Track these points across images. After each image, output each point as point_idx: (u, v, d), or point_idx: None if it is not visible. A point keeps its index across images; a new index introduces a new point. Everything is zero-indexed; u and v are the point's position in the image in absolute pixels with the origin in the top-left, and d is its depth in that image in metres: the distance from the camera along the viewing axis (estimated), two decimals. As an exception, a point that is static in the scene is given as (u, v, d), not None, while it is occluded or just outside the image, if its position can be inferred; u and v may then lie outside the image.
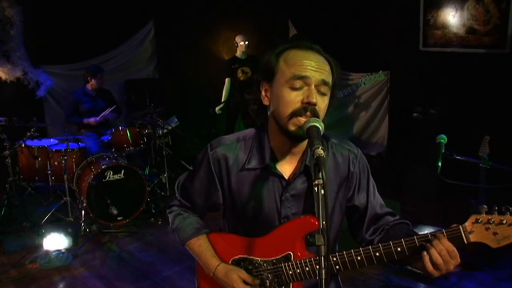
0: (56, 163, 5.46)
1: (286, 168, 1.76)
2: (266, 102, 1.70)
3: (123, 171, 5.27)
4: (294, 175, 1.74)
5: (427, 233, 1.57)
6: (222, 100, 6.85)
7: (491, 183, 3.85)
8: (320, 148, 1.40)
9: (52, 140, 5.85)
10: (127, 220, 5.31)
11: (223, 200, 1.87)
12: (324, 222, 1.36)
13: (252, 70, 6.83)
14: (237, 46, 6.77)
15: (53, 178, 5.47)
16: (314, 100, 1.57)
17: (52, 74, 6.60)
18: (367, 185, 1.86)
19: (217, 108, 6.78)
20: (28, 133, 5.26)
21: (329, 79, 1.63)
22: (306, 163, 1.72)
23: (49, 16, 6.40)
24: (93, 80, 6.00)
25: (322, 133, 1.53)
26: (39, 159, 5.50)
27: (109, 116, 5.97)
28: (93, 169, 5.14)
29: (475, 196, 4.23)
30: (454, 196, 5.21)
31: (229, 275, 1.78)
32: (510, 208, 1.54)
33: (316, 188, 1.38)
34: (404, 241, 1.57)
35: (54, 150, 5.50)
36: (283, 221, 1.78)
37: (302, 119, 1.57)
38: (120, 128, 5.69)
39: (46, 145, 5.58)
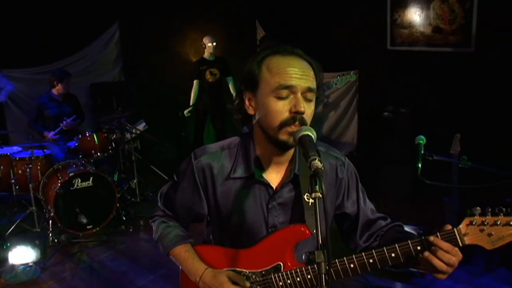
0: (20, 171, 5.25)
1: (272, 176, 1.71)
2: (251, 111, 1.65)
3: (91, 178, 5.10)
4: (282, 184, 1.70)
5: (421, 238, 1.54)
6: (191, 102, 6.73)
7: (464, 182, 3.88)
8: (317, 159, 1.34)
9: (15, 147, 5.62)
10: (97, 229, 5.15)
11: (208, 211, 1.80)
12: (320, 236, 1.33)
13: (220, 72, 6.73)
14: (205, 47, 6.66)
15: (17, 187, 5.26)
16: (302, 109, 1.52)
17: (13, 78, 6.33)
18: (356, 191, 1.83)
19: (185, 111, 6.66)
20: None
21: (314, 84, 1.59)
22: (295, 172, 1.68)
23: (9, 17, 6.14)
24: (59, 85, 5.79)
25: (315, 141, 1.47)
26: (1, 167, 5.28)
27: (70, 123, 5.75)
28: (60, 177, 4.96)
29: (448, 194, 4.27)
30: (427, 194, 5.24)
31: (217, 277, 1.71)
32: (504, 209, 1.53)
33: (315, 202, 1.33)
34: (398, 247, 1.54)
35: (17, 158, 5.30)
36: (270, 230, 1.73)
37: (292, 128, 1.53)
38: (87, 133, 5.50)
39: (8, 153, 5.36)
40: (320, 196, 1.31)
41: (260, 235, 1.73)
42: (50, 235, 4.85)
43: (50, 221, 4.93)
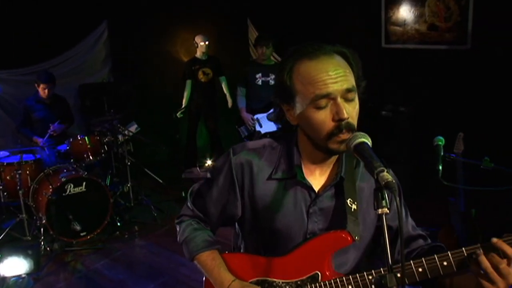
0: (8, 177, 5.03)
1: (315, 179, 1.60)
2: (294, 122, 1.55)
3: (84, 183, 4.90)
4: (325, 188, 1.59)
5: (477, 245, 1.40)
6: (183, 103, 6.56)
7: (468, 182, 3.81)
8: (385, 171, 1.21)
9: (1, 152, 5.38)
10: (91, 236, 4.95)
11: (242, 212, 1.68)
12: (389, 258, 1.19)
13: (213, 71, 6.58)
14: (197, 46, 6.49)
15: (5, 193, 5.05)
16: (345, 116, 1.40)
17: (-1, 80, 6.10)
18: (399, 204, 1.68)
19: (178, 112, 6.50)
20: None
21: (352, 81, 1.45)
22: (342, 175, 1.57)
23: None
24: (41, 87, 5.55)
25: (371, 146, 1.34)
26: (-11, 173, 5.06)
27: (58, 128, 5.55)
28: (51, 183, 4.76)
29: (453, 194, 4.19)
30: (427, 195, 5.17)
31: None
32: None
33: (381, 217, 1.21)
34: (451, 254, 1.41)
35: (5, 163, 5.07)
36: (309, 237, 1.60)
37: (341, 137, 1.42)
38: (78, 137, 5.29)
39: (-5, 158, 5.14)
40: (388, 212, 1.20)
41: (297, 242, 1.61)
42: (42, 243, 4.65)
43: (42, 229, 4.73)
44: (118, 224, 5.18)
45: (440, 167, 2.64)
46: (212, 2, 7.28)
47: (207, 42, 6.45)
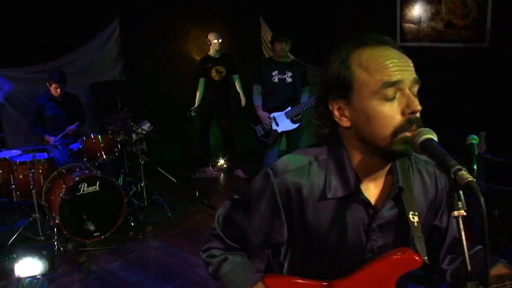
0: (20, 176, 4.96)
1: (371, 193, 1.42)
2: (344, 123, 1.35)
3: (98, 182, 4.83)
4: (384, 201, 1.41)
5: None
6: (196, 102, 6.48)
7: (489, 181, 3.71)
8: (463, 170, 1.08)
9: (14, 151, 5.31)
10: (105, 236, 4.88)
11: (288, 237, 1.48)
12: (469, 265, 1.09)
13: (226, 69, 6.50)
14: (210, 44, 6.41)
15: (17, 193, 4.97)
16: (419, 107, 1.24)
17: (10, 78, 6.01)
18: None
19: (191, 111, 6.41)
20: (-12, 145, 4.75)
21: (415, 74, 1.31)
22: (400, 185, 1.39)
23: (6, 15, 5.83)
24: (52, 86, 5.49)
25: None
26: (1, 172, 4.98)
27: (74, 129, 5.49)
28: (64, 182, 4.68)
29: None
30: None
31: None
32: None
33: (457, 221, 1.10)
34: None
35: (18, 162, 5.00)
36: (367, 256, 1.45)
37: (408, 134, 1.24)
38: (91, 135, 5.22)
39: (8, 157, 5.06)
40: (464, 214, 1.08)
41: (354, 263, 1.45)
42: (56, 243, 4.58)
43: (55, 229, 4.66)
44: (132, 224, 5.10)
45: (475, 167, 2.54)
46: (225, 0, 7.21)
47: (220, 40, 6.36)
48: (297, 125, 5.09)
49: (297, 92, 5.11)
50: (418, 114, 1.27)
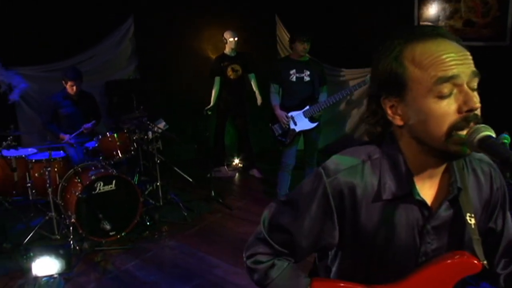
0: (36, 174, 4.93)
1: (427, 193, 1.33)
2: (398, 122, 1.28)
3: (114, 181, 4.79)
4: (441, 202, 1.33)
5: None
6: (211, 100, 6.43)
7: None
8: None
9: (30, 149, 5.29)
10: (120, 235, 4.84)
11: (339, 240, 1.41)
12: None
13: (242, 68, 6.44)
14: (226, 42, 6.35)
15: (33, 191, 4.94)
16: (477, 104, 1.17)
17: (25, 76, 5.98)
18: (503, 205, 1.46)
19: (206, 109, 6.36)
20: (4, 143, 4.71)
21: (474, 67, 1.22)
22: (459, 185, 1.31)
23: (20, 12, 5.81)
24: (68, 84, 5.47)
25: None
26: (17, 170, 4.96)
27: (89, 128, 5.46)
28: (81, 181, 4.64)
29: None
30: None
31: None
32: None
33: None
34: None
35: (33, 160, 4.97)
36: (420, 260, 1.37)
37: (464, 133, 1.17)
38: (107, 134, 5.18)
39: (24, 155, 5.04)
40: None
41: (407, 267, 1.37)
42: (71, 242, 4.55)
43: (71, 228, 4.62)
44: (148, 223, 5.05)
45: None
46: (239, -2, 7.17)
47: (236, 38, 6.30)
48: (315, 124, 5.02)
49: (315, 91, 5.04)
50: (478, 111, 1.19)
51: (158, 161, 5.48)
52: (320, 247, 1.45)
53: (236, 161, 7.07)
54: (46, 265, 3.97)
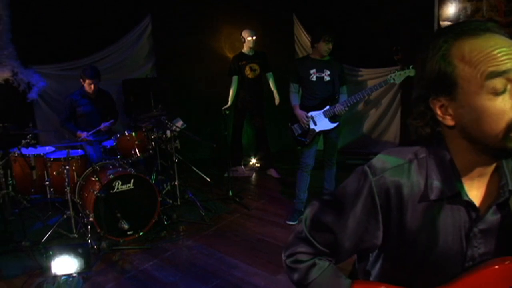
0: (54, 173, 4.92)
1: (474, 194, 1.28)
2: (449, 122, 1.23)
3: (132, 180, 4.76)
4: (490, 204, 1.27)
5: None
6: (229, 100, 6.38)
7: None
8: None
9: (47, 148, 5.29)
10: (138, 235, 4.81)
11: (383, 241, 1.37)
12: None
13: (260, 67, 6.39)
14: (244, 41, 6.31)
15: (51, 189, 4.93)
16: None
17: (43, 74, 5.99)
18: None
19: (223, 108, 6.32)
20: (24, 141, 4.70)
21: None
22: (510, 188, 1.25)
23: (38, 11, 5.81)
24: (85, 83, 5.47)
25: None
26: (36, 169, 4.95)
27: (107, 126, 5.45)
28: (99, 179, 4.62)
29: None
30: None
31: None
32: None
33: None
34: None
35: (52, 158, 4.95)
36: (467, 265, 1.31)
37: None
38: (126, 132, 5.16)
39: (42, 154, 5.03)
40: None
41: (452, 271, 1.32)
42: (89, 241, 4.53)
43: (89, 226, 4.61)
44: (165, 222, 5.01)
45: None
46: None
47: (254, 37, 6.26)
48: (335, 124, 4.94)
49: (335, 90, 4.96)
50: None
51: (176, 160, 5.44)
52: (362, 248, 1.40)
53: (253, 160, 7.03)
54: (65, 264, 3.96)
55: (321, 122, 4.90)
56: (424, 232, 1.29)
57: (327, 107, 4.88)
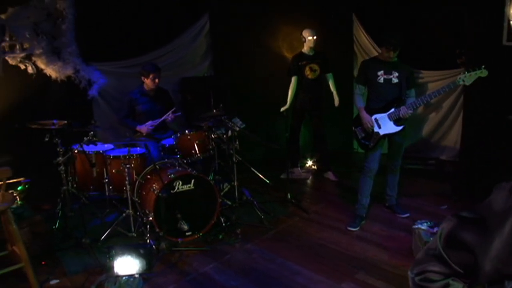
0: (114, 170, 4.90)
1: None
2: None
3: (192, 180, 4.69)
4: None
5: None
6: (288, 100, 6.25)
7: None
8: None
9: (106, 145, 5.29)
10: (197, 236, 4.74)
11: None
12: None
13: (320, 68, 6.23)
14: (305, 41, 6.16)
15: (110, 187, 4.92)
16: None
17: (102, 71, 6.01)
18: None
19: (282, 109, 6.20)
20: (86, 138, 4.71)
21: None
22: None
23: (100, 9, 5.83)
24: (146, 80, 5.46)
25: None
26: (96, 166, 4.95)
27: (174, 117, 5.42)
28: (161, 179, 4.56)
29: None
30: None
31: None
32: None
33: None
34: None
35: (111, 156, 4.94)
36: None
37: None
38: (186, 132, 5.10)
39: (101, 151, 5.03)
40: None
41: None
42: (149, 241, 4.48)
43: (148, 226, 4.56)
44: (224, 224, 4.92)
45: None
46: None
47: (315, 37, 6.10)
48: (400, 127, 4.74)
49: (402, 93, 4.76)
50: None
51: (236, 161, 5.35)
52: (504, 275, 1.23)
53: (310, 162, 6.87)
54: (127, 264, 3.91)
55: (385, 125, 4.72)
56: None
57: (392, 110, 4.69)
